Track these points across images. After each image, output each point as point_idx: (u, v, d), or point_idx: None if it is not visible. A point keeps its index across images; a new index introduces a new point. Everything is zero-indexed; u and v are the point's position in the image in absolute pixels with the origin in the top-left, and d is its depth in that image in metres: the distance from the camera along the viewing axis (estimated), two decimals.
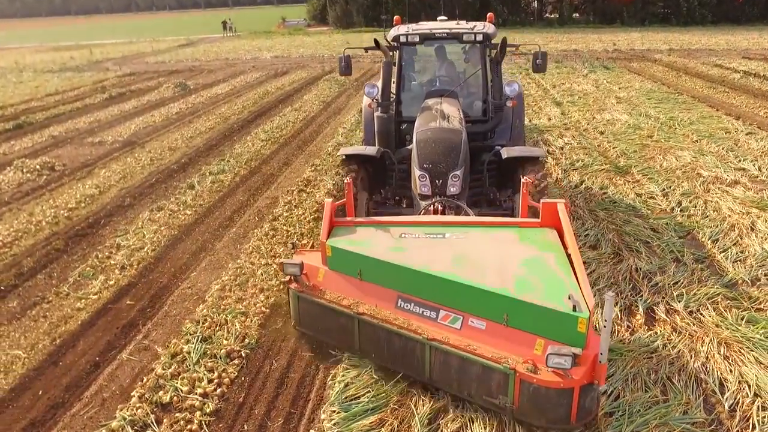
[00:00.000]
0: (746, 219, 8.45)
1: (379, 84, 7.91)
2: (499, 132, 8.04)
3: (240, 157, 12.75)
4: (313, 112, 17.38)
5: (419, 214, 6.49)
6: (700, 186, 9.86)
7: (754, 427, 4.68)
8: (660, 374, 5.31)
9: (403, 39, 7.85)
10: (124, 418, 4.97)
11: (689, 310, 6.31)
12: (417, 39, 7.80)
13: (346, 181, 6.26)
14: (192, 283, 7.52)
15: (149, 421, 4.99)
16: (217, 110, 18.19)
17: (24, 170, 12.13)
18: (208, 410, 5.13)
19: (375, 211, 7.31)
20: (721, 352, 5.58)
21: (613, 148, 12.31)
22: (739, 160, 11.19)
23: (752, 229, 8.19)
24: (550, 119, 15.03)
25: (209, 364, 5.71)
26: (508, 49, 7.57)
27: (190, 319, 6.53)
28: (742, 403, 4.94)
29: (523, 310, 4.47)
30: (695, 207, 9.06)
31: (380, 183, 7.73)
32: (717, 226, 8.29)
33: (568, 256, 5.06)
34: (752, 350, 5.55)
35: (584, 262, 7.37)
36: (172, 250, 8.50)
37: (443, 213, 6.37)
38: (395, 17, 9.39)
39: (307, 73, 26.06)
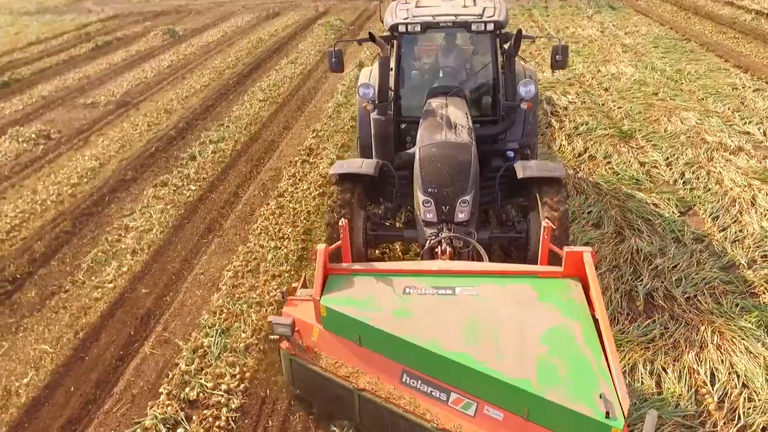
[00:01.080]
0: (747, 193, 8.78)
1: (375, 82, 7.24)
2: (510, 129, 7.38)
3: (239, 121, 12.85)
4: (309, 65, 17.25)
5: (422, 255, 5.91)
6: (703, 154, 10.12)
7: (739, 418, 5.20)
8: (656, 365, 5.80)
9: (401, 28, 6.98)
10: (156, 417, 5.47)
11: (687, 296, 6.76)
12: (418, 28, 6.93)
13: (340, 224, 5.35)
14: (204, 268, 7.90)
15: (180, 419, 5.49)
16: (210, 63, 18.01)
17: (20, 140, 12.25)
18: (233, 406, 5.63)
19: (373, 233, 6.70)
20: (714, 341, 6.06)
21: (618, 107, 12.45)
22: (745, 122, 11.40)
23: (752, 204, 8.54)
24: (554, 73, 15.02)
25: (230, 358, 6.18)
26: (524, 40, 7.00)
27: (207, 310, 6.95)
28: (730, 395, 5.46)
29: (547, 408, 3.98)
30: (698, 179, 9.36)
31: (378, 193, 7.06)
32: (718, 201, 8.63)
33: (596, 321, 4.54)
34: (743, 339, 6.03)
35: (587, 243, 7.81)
36: (181, 230, 8.84)
37: (452, 254, 5.70)
38: None
39: (300, 15, 25.49)
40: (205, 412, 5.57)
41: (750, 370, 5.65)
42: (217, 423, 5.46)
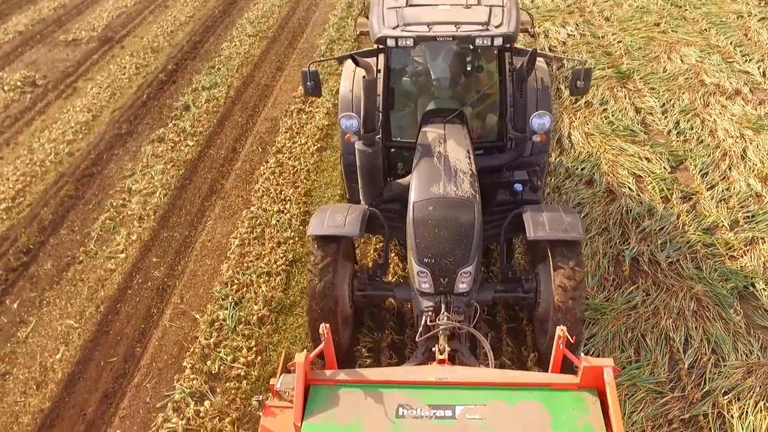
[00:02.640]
0: (738, 145, 9.29)
1: (358, 103, 6.46)
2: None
3: (230, 62, 12.92)
4: None
5: (419, 336, 5.29)
6: (700, 99, 10.48)
7: (705, 382, 6.06)
8: (636, 332, 6.61)
9: (390, 42, 5.87)
10: (184, 390, 6.29)
11: (670, 260, 7.46)
12: (410, 42, 5.85)
13: (320, 330, 4.69)
14: (210, 234, 8.50)
15: (205, 391, 6.32)
16: None
17: (5, 88, 12.35)
18: (252, 378, 6.45)
19: (361, 293, 6.18)
20: (691, 308, 6.84)
21: (618, 42, 12.59)
22: (746, 60, 11.65)
23: (742, 158, 9.08)
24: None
25: (245, 331, 6.94)
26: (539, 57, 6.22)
27: (219, 281, 7.63)
28: (700, 360, 6.29)
29: None
30: (692, 128, 9.82)
31: (367, 229, 6.23)
32: (709, 156, 9.15)
33: None
34: (718, 305, 6.81)
35: (578, 203, 8.41)
36: (183, 192, 9.35)
37: (451, 355, 5.07)
38: None
39: None
40: (227, 384, 6.39)
41: (720, 336, 6.47)
42: (239, 395, 6.30)
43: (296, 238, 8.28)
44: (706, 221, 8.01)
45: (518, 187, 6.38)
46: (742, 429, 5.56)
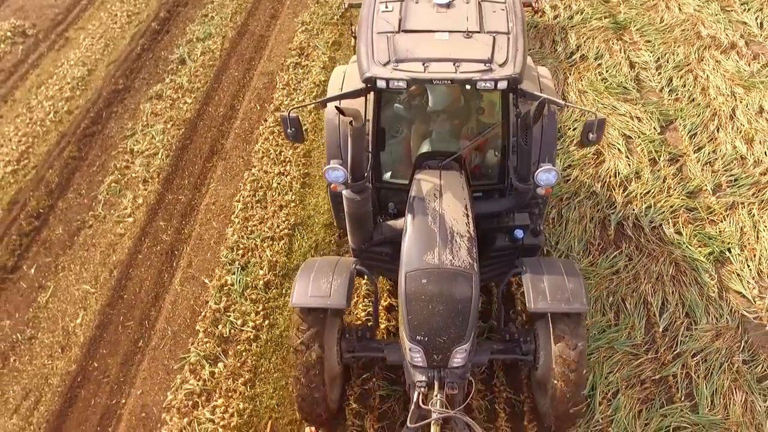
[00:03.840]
0: (728, 104, 9.61)
1: (344, 149, 5.96)
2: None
3: (223, 9, 12.85)
4: None
5: (411, 414, 5.09)
6: (694, 54, 10.68)
7: (677, 345, 6.71)
8: (617, 297, 7.21)
9: (381, 84, 5.37)
10: (198, 353, 6.92)
11: (653, 225, 7.98)
12: (403, 84, 5.36)
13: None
14: (214, 197, 8.93)
15: (218, 354, 6.95)
16: None
17: None
18: (262, 341, 7.07)
19: (350, 354, 5.97)
20: (670, 273, 7.41)
21: None
22: (744, 9, 11.73)
23: (731, 118, 9.43)
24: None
25: (253, 295, 7.51)
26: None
27: (225, 246, 8.13)
28: (674, 324, 6.93)
29: None
30: (684, 86, 10.09)
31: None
32: (699, 115, 9.49)
33: None
34: (694, 271, 7.39)
35: (569, 166, 8.82)
36: (185, 153, 9.68)
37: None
38: None
39: None
40: (238, 347, 7.03)
41: (694, 300, 7.08)
42: (249, 356, 6.94)
43: (297, 201, 8.73)
44: (690, 184, 8.47)
45: (519, 233, 6.01)
46: (706, 388, 6.25)
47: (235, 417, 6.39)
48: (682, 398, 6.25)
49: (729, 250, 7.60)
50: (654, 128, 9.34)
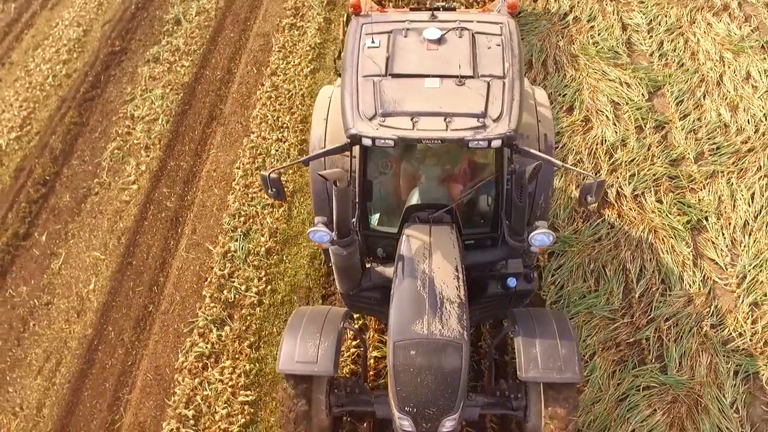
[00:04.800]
0: (717, 70, 9.85)
1: (327, 206, 5.94)
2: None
3: None
4: None
5: None
6: (687, 15, 10.81)
7: (651, 310, 7.26)
8: (597, 264, 7.70)
9: (367, 141, 5.16)
10: (206, 318, 7.44)
11: (635, 193, 8.39)
12: (390, 143, 5.14)
13: None
14: (214, 164, 9.27)
15: (224, 318, 7.48)
16: None
17: None
18: (265, 305, 7.60)
19: (339, 408, 5.81)
20: (648, 240, 7.89)
21: None
22: None
23: (718, 84, 9.70)
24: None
25: (255, 262, 7.98)
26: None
27: (227, 213, 8.54)
28: (650, 290, 7.45)
29: None
30: (674, 50, 10.30)
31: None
32: (686, 82, 9.75)
33: None
34: (672, 238, 7.86)
35: (558, 132, 9.15)
36: (185, 118, 9.96)
37: None
38: (352, 1, 6.30)
39: None
40: (242, 311, 7.55)
41: (670, 268, 7.59)
42: (253, 320, 7.47)
43: (295, 169, 9.08)
44: (674, 152, 8.84)
45: (512, 282, 5.87)
46: (675, 351, 6.83)
47: (242, 377, 6.97)
48: (653, 360, 6.84)
49: (706, 218, 8.05)
50: (642, 95, 9.62)
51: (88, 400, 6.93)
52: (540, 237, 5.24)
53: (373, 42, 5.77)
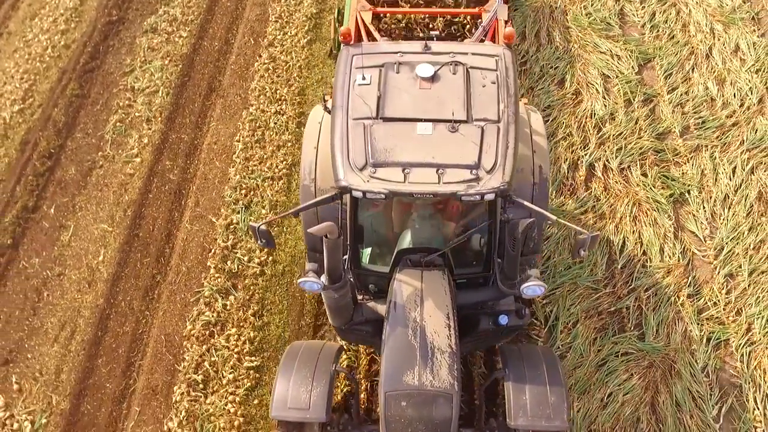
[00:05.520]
0: (707, 42, 10.06)
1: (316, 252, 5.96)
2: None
3: None
4: None
5: None
6: None
7: (632, 281, 7.70)
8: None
9: (357, 194, 5.15)
10: (212, 288, 7.86)
11: (621, 167, 8.73)
12: (381, 197, 5.10)
13: None
14: (215, 136, 9.55)
15: (228, 288, 7.91)
16: None
17: None
18: (267, 276, 8.02)
19: None
20: (633, 213, 8.27)
21: None
22: None
23: (707, 57, 9.93)
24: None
25: None
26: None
27: (228, 185, 8.87)
28: (632, 261, 7.88)
29: None
30: (666, 22, 10.47)
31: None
32: (676, 54, 9.97)
33: None
34: (655, 211, 8.25)
35: (548, 107, 9.43)
36: (184, 90, 10.17)
37: None
38: (343, 30, 6.15)
39: None
40: (246, 281, 7.97)
41: (651, 240, 8.00)
42: (256, 290, 7.91)
43: (293, 141, 9.37)
44: (660, 126, 9.14)
45: (503, 320, 5.99)
46: (653, 319, 7.30)
47: (247, 344, 7.44)
48: (632, 328, 7.32)
49: (689, 192, 8.42)
50: (632, 67, 9.85)
51: (103, 366, 7.41)
52: (532, 289, 5.29)
53: (363, 78, 5.62)
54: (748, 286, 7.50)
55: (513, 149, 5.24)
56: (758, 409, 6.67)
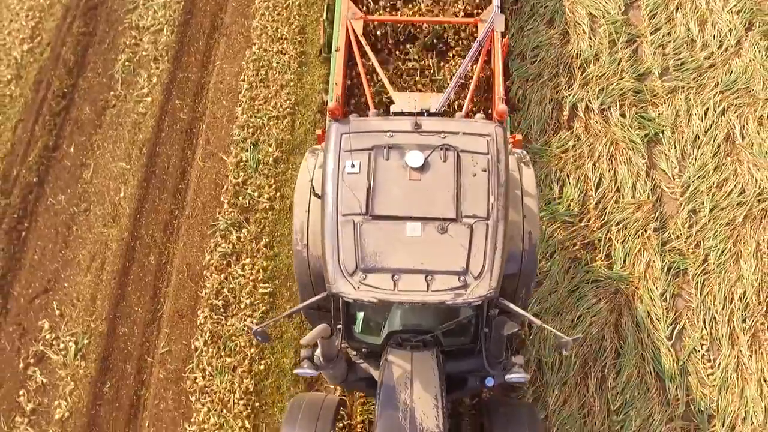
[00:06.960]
0: None
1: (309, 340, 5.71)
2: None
3: None
4: None
5: None
6: None
7: (605, 216, 8.52)
8: (563, 173, 8.85)
9: (348, 299, 5.37)
10: (226, 222, 8.65)
11: (602, 108, 9.35)
12: (372, 303, 5.32)
13: None
14: (221, 75, 10.02)
15: (241, 221, 8.70)
16: None
17: None
18: (276, 210, 8.80)
19: None
20: (609, 152, 8.99)
21: None
22: None
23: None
24: None
25: (265, 170, 9.06)
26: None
27: (236, 124, 9.46)
28: (606, 197, 8.68)
29: None
30: None
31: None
32: None
33: None
34: (630, 151, 8.96)
35: (537, 47, 9.90)
36: (188, 28, 10.50)
37: None
38: (330, 106, 6.58)
39: None
40: (257, 215, 8.76)
41: (625, 178, 8.77)
42: (266, 223, 8.71)
43: (296, 80, 9.88)
44: (641, 67, 9.68)
45: (489, 382, 6.06)
46: (621, 251, 8.20)
47: (261, 272, 8.33)
48: (603, 258, 8.23)
49: (662, 132, 9.10)
50: (619, 7, 10.22)
51: (132, 293, 8.31)
52: (515, 377, 5.56)
53: (353, 166, 5.67)
54: (708, 221, 8.35)
55: (501, 251, 5.36)
56: (705, 329, 7.71)
